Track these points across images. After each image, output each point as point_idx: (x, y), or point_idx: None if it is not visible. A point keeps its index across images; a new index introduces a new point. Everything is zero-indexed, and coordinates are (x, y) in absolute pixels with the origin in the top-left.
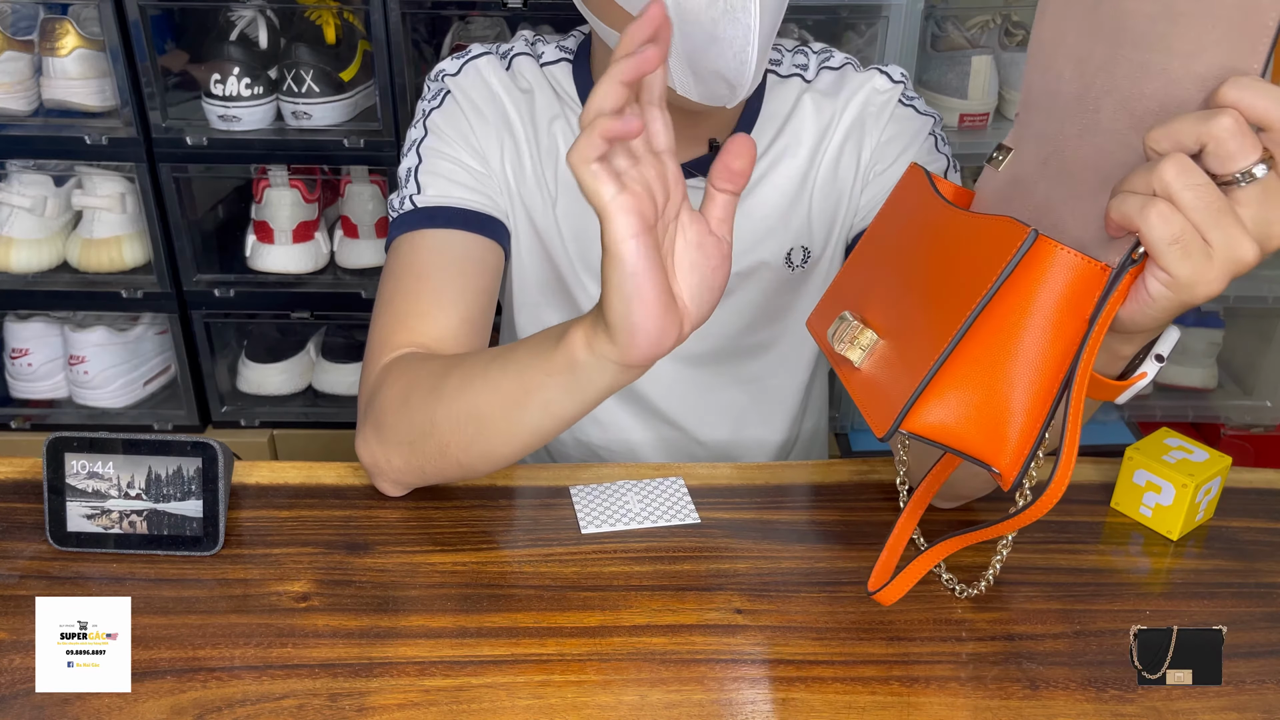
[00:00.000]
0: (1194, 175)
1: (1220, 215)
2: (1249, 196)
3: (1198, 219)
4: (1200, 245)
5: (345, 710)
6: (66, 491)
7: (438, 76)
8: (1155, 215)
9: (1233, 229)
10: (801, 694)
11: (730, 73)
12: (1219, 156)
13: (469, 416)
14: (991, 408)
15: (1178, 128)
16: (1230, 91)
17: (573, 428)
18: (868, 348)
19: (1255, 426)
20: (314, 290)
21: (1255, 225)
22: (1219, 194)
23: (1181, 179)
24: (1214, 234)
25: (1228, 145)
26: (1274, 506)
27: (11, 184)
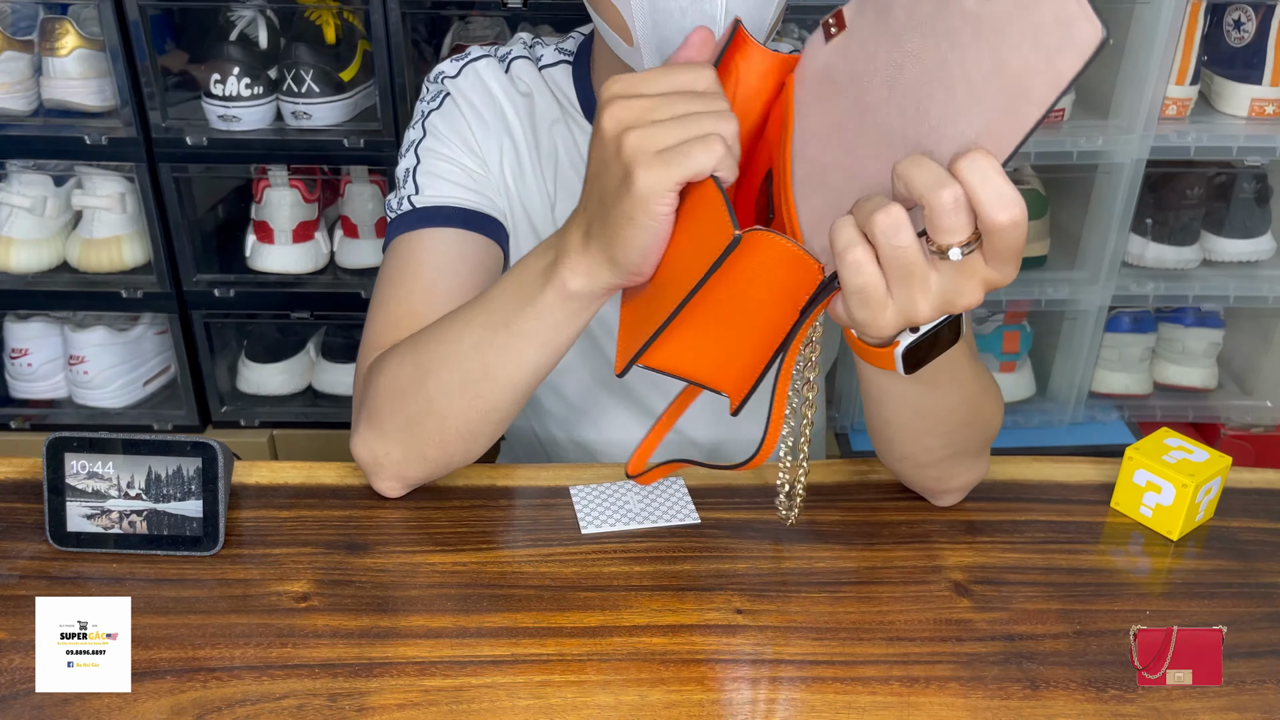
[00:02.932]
0: (900, 236)
1: (909, 279)
2: (946, 267)
3: (889, 274)
4: (881, 298)
5: (345, 710)
6: (66, 491)
7: (437, 78)
8: (850, 262)
9: (916, 293)
10: (801, 694)
11: None
12: (931, 226)
13: (463, 380)
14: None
15: (912, 176)
16: (963, 166)
17: (569, 428)
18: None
19: (1255, 426)
20: (314, 290)
21: (942, 292)
22: (917, 258)
23: (887, 235)
24: (898, 291)
25: (942, 220)
26: (1274, 506)
27: (11, 184)
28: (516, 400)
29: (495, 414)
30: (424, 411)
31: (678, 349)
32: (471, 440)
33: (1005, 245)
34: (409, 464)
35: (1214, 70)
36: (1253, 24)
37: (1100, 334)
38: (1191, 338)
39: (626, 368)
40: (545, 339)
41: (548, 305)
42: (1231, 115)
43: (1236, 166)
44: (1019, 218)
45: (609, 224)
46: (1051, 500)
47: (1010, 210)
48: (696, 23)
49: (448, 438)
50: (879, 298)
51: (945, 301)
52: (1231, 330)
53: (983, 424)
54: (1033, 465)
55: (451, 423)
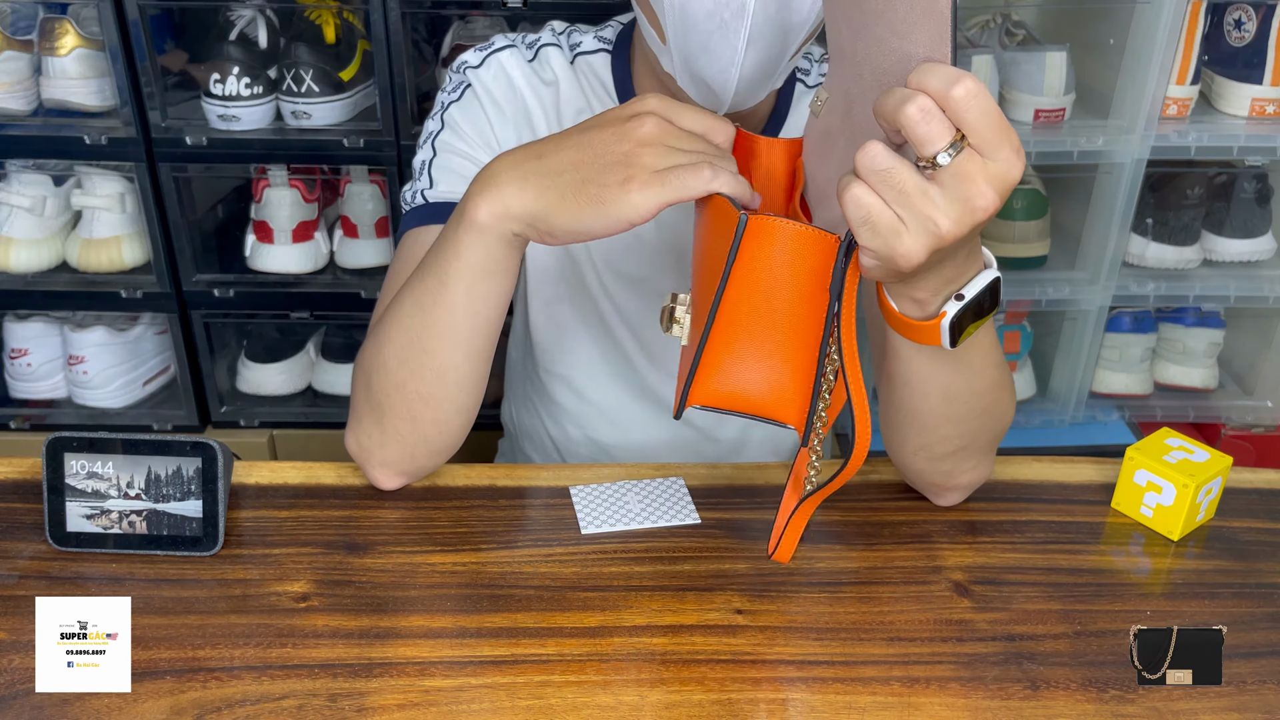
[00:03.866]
0: (880, 160)
1: (910, 196)
2: (946, 178)
3: (887, 198)
4: (891, 223)
5: (345, 710)
6: (66, 491)
7: (459, 68)
8: (847, 198)
9: (924, 208)
10: (801, 694)
11: (716, 84)
12: (913, 141)
13: (409, 338)
14: (764, 373)
15: (882, 108)
16: (913, 78)
17: (584, 425)
18: (684, 326)
19: (1256, 426)
20: (313, 290)
21: (952, 202)
22: (908, 176)
23: (868, 165)
24: (904, 212)
25: (916, 131)
26: (1274, 506)
27: (11, 184)
28: (465, 355)
29: (449, 373)
30: (385, 383)
31: (726, 378)
32: (435, 406)
33: (982, 124)
34: (387, 444)
35: (1214, 70)
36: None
37: (1101, 334)
38: (1192, 338)
39: (680, 408)
40: (470, 282)
41: (459, 240)
42: (1232, 115)
43: (1237, 166)
44: (972, 87)
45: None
46: (1052, 500)
47: (962, 83)
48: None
49: (411, 405)
50: (889, 223)
51: (962, 209)
52: (1232, 330)
53: (999, 414)
54: (1033, 465)
55: (411, 387)
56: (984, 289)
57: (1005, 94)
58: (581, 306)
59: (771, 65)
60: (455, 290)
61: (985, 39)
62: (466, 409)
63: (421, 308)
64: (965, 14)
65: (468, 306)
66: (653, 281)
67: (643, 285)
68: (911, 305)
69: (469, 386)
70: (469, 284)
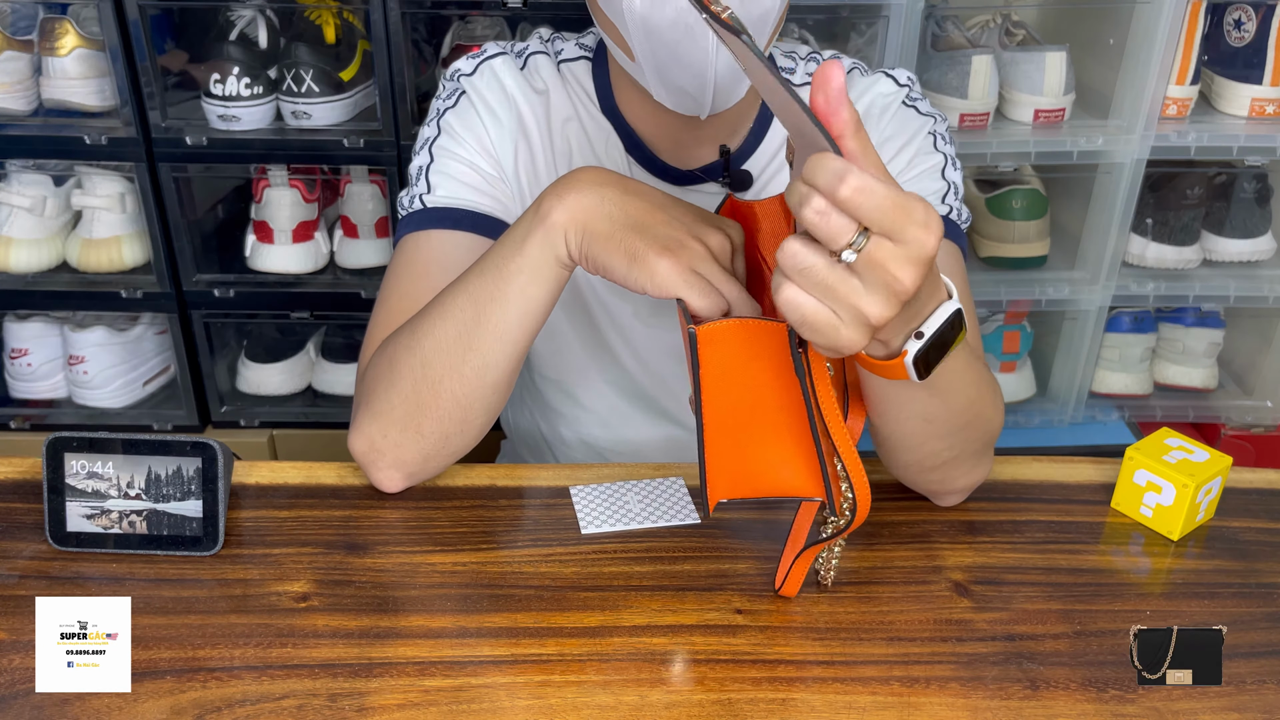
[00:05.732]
0: (802, 259)
1: (834, 290)
2: (858, 268)
3: (816, 295)
4: (827, 319)
5: (345, 710)
6: (66, 491)
7: (453, 76)
8: (781, 301)
9: (851, 299)
10: (801, 694)
11: (693, 89)
12: (820, 238)
13: (457, 337)
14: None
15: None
16: (805, 174)
17: (577, 428)
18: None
19: (1255, 426)
20: (314, 290)
21: (874, 288)
22: (828, 272)
23: (790, 265)
24: (835, 306)
25: (818, 232)
26: (1274, 506)
27: (11, 184)
28: (507, 356)
29: (488, 373)
30: (419, 379)
31: (737, 471)
32: (466, 406)
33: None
34: (405, 444)
35: (1214, 70)
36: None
37: (1100, 334)
38: (1192, 338)
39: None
40: (527, 280)
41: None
42: (1232, 115)
43: (1237, 166)
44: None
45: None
46: (1052, 500)
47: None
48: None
49: (443, 404)
50: (825, 320)
51: (885, 294)
52: (1232, 330)
53: (984, 424)
54: (1033, 465)
55: (446, 385)
56: (944, 323)
57: (1005, 94)
58: (573, 312)
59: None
60: (513, 287)
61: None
62: (492, 411)
63: (475, 302)
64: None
65: (520, 306)
66: None
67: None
68: (876, 345)
69: (502, 389)
70: (525, 282)
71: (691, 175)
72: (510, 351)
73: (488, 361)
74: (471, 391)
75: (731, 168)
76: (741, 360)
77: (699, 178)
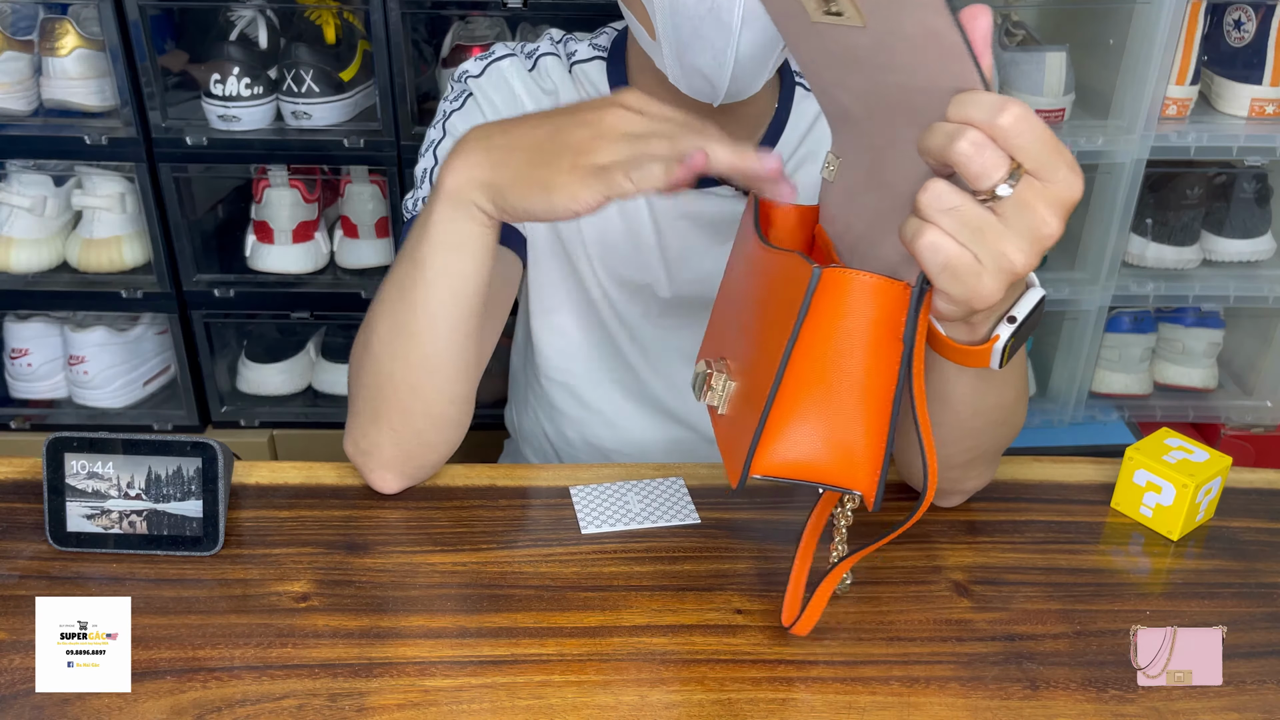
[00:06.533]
0: (947, 199)
1: (981, 233)
2: (1008, 209)
3: (961, 239)
4: (970, 265)
5: (345, 710)
6: (66, 491)
7: (461, 78)
8: (923, 245)
9: (998, 244)
10: (801, 694)
11: (710, 72)
12: (968, 177)
13: (393, 325)
14: (836, 437)
15: (928, 144)
16: (952, 110)
17: (583, 429)
18: (724, 393)
19: (1255, 426)
20: (314, 290)
21: (1021, 232)
22: (977, 212)
23: (935, 206)
24: (979, 251)
25: (970, 166)
26: (1274, 506)
27: (11, 184)
28: (447, 340)
29: (433, 360)
30: (375, 377)
31: (791, 446)
32: (424, 397)
33: (1035, 149)
34: (382, 443)
35: (1214, 70)
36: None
37: (1100, 334)
38: (1191, 338)
39: (742, 479)
40: (444, 259)
41: (431, 211)
42: (1231, 115)
43: (1236, 166)
44: (1018, 112)
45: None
46: (1051, 500)
47: (1008, 109)
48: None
49: (402, 396)
50: (968, 265)
51: (1032, 239)
52: (1231, 330)
53: (1015, 422)
54: (1033, 465)
55: (400, 377)
56: (1033, 308)
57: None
58: (581, 313)
59: (768, 48)
60: (430, 267)
61: None
62: (459, 399)
63: (401, 290)
64: None
65: (444, 284)
66: (653, 287)
67: (642, 291)
68: (963, 330)
69: (455, 375)
70: (443, 261)
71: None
72: (451, 332)
73: (431, 348)
74: (424, 379)
75: None
76: (848, 319)
77: (714, 180)
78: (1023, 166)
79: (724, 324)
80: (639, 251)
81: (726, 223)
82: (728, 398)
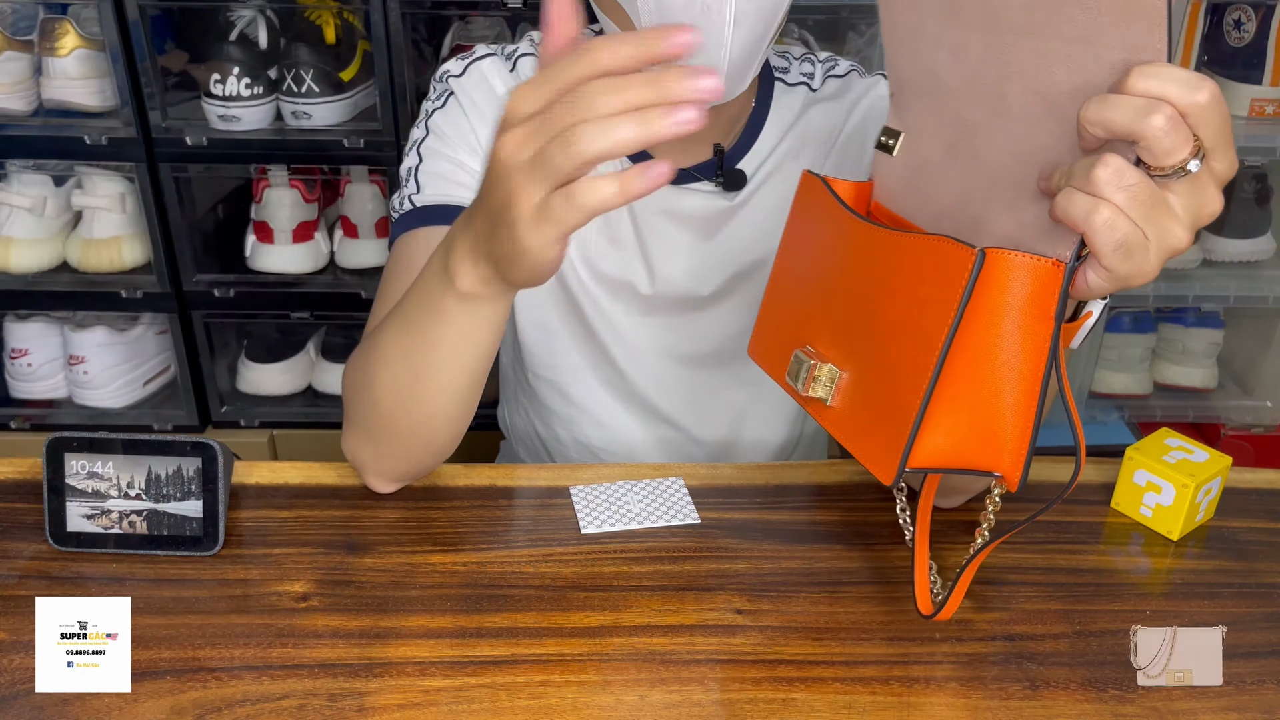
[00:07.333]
0: (1128, 176)
1: (1154, 210)
2: (1182, 187)
3: (1134, 216)
4: (1142, 243)
5: (345, 710)
6: (66, 491)
7: (442, 77)
8: (1100, 222)
9: (1166, 220)
10: (801, 694)
11: None
12: (1154, 153)
13: (397, 386)
14: (984, 421)
15: (1111, 117)
16: (1140, 82)
17: (571, 427)
18: (832, 383)
19: (1255, 426)
20: (314, 290)
21: (1187, 211)
22: (1152, 190)
23: (1116, 182)
24: (1149, 228)
25: (1162, 143)
26: (1274, 506)
27: (11, 184)
28: (458, 401)
29: (439, 417)
30: (375, 415)
31: (941, 436)
32: (428, 441)
33: (1220, 130)
34: (381, 460)
35: (1214, 70)
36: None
37: (1100, 334)
38: (1191, 338)
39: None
40: (455, 342)
41: (448, 310)
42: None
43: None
44: (1216, 92)
45: (497, 248)
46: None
47: (1205, 88)
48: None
49: (403, 439)
50: (1140, 244)
51: (1194, 216)
52: (1231, 330)
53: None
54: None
55: (402, 425)
56: None
57: None
58: (566, 311)
59: (756, 45)
60: (442, 351)
61: None
62: (459, 428)
63: (408, 360)
64: None
65: (456, 363)
66: (634, 285)
67: (624, 289)
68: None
69: (461, 416)
70: (457, 349)
71: (686, 174)
72: (459, 397)
73: (434, 410)
74: (426, 429)
75: (725, 166)
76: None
77: (694, 176)
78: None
79: (799, 309)
80: (618, 248)
81: (706, 219)
82: (837, 388)
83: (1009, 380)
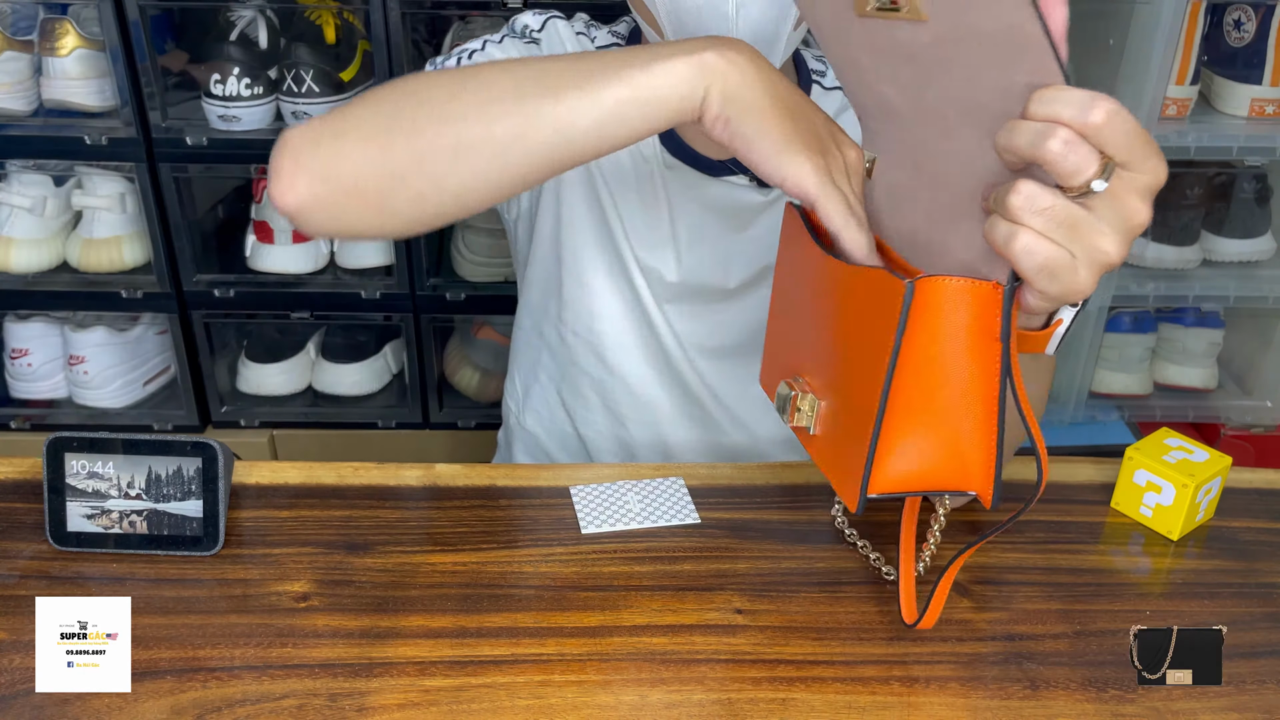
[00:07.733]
0: (1040, 200)
1: (1075, 230)
2: (1101, 202)
3: (1056, 238)
4: (1066, 262)
5: (345, 710)
6: (66, 491)
7: (522, 30)
8: (1019, 248)
9: (1091, 238)
10: (801, 694)
11: None
12: (1059, 174)
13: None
14: (946, 444)
15: (1015, 143)
16: (1036, 108)
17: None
18: (814, 412)
19: (1255, 426)
20: (314, 290)
21: (1112, 225)
22: (1070, 210)
23: (1028, 207)
24: (1074, 247)
25: (1064, 164)
26: (1274, 506)
27: (11, 184)
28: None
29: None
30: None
31: (903, 461)
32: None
33: (1127, 143)
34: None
35: (1214, 70)
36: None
37: (1100, 334)
38: (1191, 338)
39: (860, 503)
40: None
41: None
42: (1231, 115)
43: (1236, 166)
44: (1110, 107)
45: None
46: (1051, 500)
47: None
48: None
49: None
50: (1065, 264)
51: (1124, 229)
52: (1231, 330)
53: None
54: (1033, 465)
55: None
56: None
57: None
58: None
59: (770, 30)
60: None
61: None
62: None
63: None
64: None
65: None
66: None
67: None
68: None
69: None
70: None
71: (721, 165)
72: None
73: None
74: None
75: None
76: (944, 327)
77: (730, 169)
78: (1114, 160)
79: (790, 339)
80: (653, 229)
81: (736, 211)
82: (818, 417)
83: (963, 403)
